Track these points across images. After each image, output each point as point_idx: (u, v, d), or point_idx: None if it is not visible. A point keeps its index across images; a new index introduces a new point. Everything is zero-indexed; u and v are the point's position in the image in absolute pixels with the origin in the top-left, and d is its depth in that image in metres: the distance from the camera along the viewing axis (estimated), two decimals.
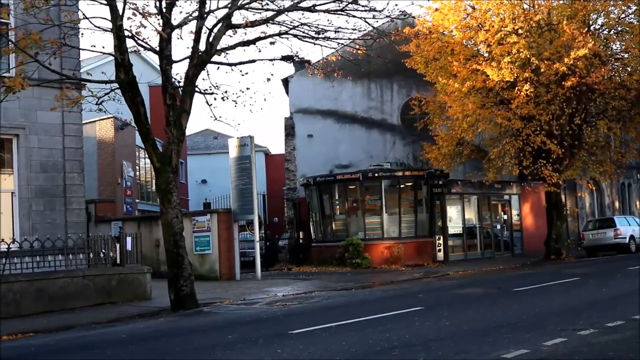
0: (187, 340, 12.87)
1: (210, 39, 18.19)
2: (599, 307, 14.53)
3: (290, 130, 38.69)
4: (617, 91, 30.13)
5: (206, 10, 18.04)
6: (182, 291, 17.54)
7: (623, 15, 30.50)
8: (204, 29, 18.12)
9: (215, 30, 18.24)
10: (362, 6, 18.79)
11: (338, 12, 18.84)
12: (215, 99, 19.02)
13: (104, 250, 20.53)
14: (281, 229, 40.49)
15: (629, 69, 31.03)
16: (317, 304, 18.15)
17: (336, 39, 19.40)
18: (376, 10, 18.81)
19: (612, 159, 34.62)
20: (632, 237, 34.46)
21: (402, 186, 33.10)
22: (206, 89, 18.89)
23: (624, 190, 47.52)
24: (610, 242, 34.31)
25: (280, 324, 14.50)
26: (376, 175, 32.35)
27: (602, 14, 30.45)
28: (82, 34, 18.56)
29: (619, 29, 30.78)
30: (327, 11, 18.88)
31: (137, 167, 38.86)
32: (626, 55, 31.03)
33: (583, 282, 20.68)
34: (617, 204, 46.32)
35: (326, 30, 18.98)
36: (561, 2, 29.74)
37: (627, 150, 35.65)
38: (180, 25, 18.06)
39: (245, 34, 18.98)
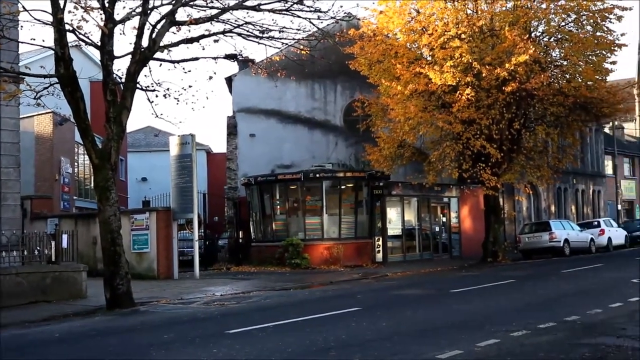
0: (122, 340, 12.73)
1: (154, 35, 18.01)
2: (533, 308, 14.82)
3: (232, 129, 38.48)
4: (555, 97, 30.70)
5: (150, 6, 17.87)
6: (118, 290, 17.35)
7: (563, 24, 31.14)
8: (147, 25, 17.94)
9: (159, 26, 18.06)
10: (307, 7, 18.84)
11: (283, 12, 18.83)
12: (157, 96, 18.92)
13: (38, 248, 20.17)
14: (222, 228, 40.26)
15: (567, 76, 31.75)
16: (255, 304, 18.12)
17: (280, 38, 19.40)
18: (321, 11, 18.87)
19: (549, 164, 35.35)
20: (566, 240, 35.15)
21: (343, 187, 33.22)
22: (148, 86, 18.69)
23: (560, 195, 48.48)
24: (546, 246, 34.89)
25: (217, 323, 14.44)
26: (317, 175, 32.39)
27: (542, 22, 31.07)
28: (22, 26, 18.32)
29: (559, 36, 31.40)
30: (272, 10, 18.86)
31: (76, 164, 38.24)
32: (565, 63, 31.75)
33: (519, 285, 21.04)
34: (553, 208, 47.23)
35: (271, 30, 18.96)
36: (504, 8, 30.19)
37: (564, 155, 36.55)
38: (123, 21, 17.83)
39: (189, 31, 18.90)
